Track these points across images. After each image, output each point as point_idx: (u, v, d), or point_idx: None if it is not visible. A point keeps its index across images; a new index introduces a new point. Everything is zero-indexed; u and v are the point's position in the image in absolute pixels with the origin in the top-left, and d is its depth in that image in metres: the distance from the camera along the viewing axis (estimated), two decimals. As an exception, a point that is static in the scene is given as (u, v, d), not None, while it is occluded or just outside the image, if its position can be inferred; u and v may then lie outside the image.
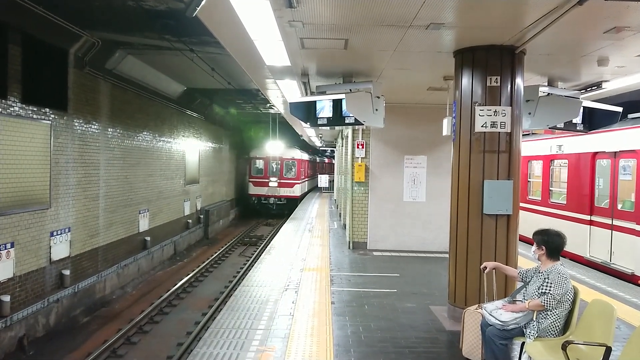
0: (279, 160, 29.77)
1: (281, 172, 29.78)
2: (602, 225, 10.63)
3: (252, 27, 5.57)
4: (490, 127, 6.09)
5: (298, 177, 30.27)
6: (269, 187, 29.39)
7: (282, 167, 29.79)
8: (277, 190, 29.44)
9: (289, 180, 29.77)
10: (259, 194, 29.68)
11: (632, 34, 5.44)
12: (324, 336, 5.96)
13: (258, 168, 30.13)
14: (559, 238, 4.66)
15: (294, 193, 29.71)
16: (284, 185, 29.60)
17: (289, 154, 30.39)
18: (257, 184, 29.67)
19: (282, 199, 29.56)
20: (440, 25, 5.32)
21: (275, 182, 29.48)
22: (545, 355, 4.16)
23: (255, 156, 30.17)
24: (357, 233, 12.22)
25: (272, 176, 29.62)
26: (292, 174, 30.02)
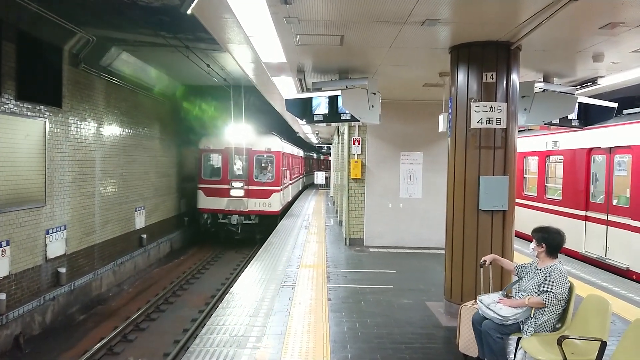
0: (247, 154, 18.92)
1: (250, 174, 18.87)
2: (597, 221, 10.67)
3: (248, 24, 5.55)
4: (486, 123, 6.09)
5: (277, 181, 19.25)
6: (230, 197, 18.50)
7: (252, 165, 18.94)
8: (242, 203, 18.52)
9: (264, 187, 18.86)
10: (214, 209, 18.72)
11: (627, 29, 5.45)
12: (320, 333, 5.97)
13: (212, 167, 19.46)
14: (559, 236, 4.68)
15: (271, 207, 18.87)
16: (256, 195, 18.70)
17: (263, 143, 19.24)
18: (211, 192, 18.71)
19: (253, 217, 18.75)
20: (435, 22, 5.31)
21: (240, 190, 18.65)
22: (541, 351, 4.17)
23: (207, 148, 19.20)
24: (353, 229, 12.23)
25: (235, 180, 18.76)
26: (269, 176, 19.13)
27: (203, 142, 19.29)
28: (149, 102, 16.42)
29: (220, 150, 19.01)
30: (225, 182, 18.78)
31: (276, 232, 14.32)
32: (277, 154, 19.41)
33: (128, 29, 11.01)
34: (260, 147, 19.03)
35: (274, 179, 19.10)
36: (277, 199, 19.03)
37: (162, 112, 17.69)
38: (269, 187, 18.88)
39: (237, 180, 18.73)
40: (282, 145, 20.64)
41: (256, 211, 18.70)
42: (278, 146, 19.64)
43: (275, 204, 19.02)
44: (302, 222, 16.89)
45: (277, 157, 19.38)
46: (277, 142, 19.82)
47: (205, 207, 18.84)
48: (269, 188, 18.87)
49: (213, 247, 18.83)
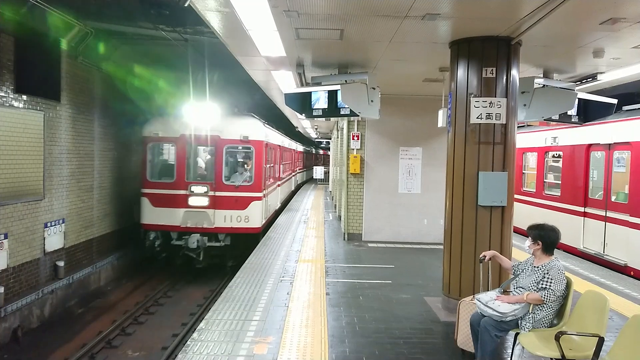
0: (214, 145, 12.93)
1: (218, 173, 12.86)
2: (595, 217, 10.68)
3: (247, 17, 5.52)
4: (486, 119, 6.09)
5: (259, 183, 13.18)
6: (188, 208, 12.64)
7: (221, 161, 12.90)
8: (206, 217, 12.62)
9: (239, 192, 12.82)
10: (165, 226, 12.71)
11: (628, 25, 5.43)
12: (318, 327, 5.98)
13: (162, 164, 13.59)
14: (555, 233, 4.68)
15: (250, 221, 12.87)
16: (227, 204, 12.73)
17: (238, 129, 13.09)
18: (161, 200, 12.72)
19: (222, 237, 12.75)
20: (436, 16, 5.29)
21: (202, 198, 12.68)
22: (539, 346, 4.19)
23: (154, 135, 12.99)
24: (352, 224, 12.23)
25: (195, 183, 12.77)
26: (246, 176, 13.21)
27: (148, 128, 12.78)
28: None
29: (173, 139, 12.64)
30: (181, 185, 12.38)
31: (275, 227, 14.32)
32: (258, 145, 12.95)
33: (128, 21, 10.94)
34: (232, 135, 12.70)
35: (254, 181, 12.81)
36: (257, 209, 12.77)
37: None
38: (246, 192, 12.59)
39: (199, 184, 12.44)
40: (266, 133, 14.25)
41: (227, 228, 12.41)
42: (260, 133, 13.15)
43: (255, 218, 12.71)
44: (301, 216, 16.89)
45: (257, 149, 12.91)
46: (258, 128, 13.26)
47: (152, 222, 12.48)
48: (246, 194, 12.56)
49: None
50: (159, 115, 13.33)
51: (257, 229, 13.01)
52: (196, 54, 12.69)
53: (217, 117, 12.47)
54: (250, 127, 13.17)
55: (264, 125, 14.37)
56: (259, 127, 13.52)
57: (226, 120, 12.87)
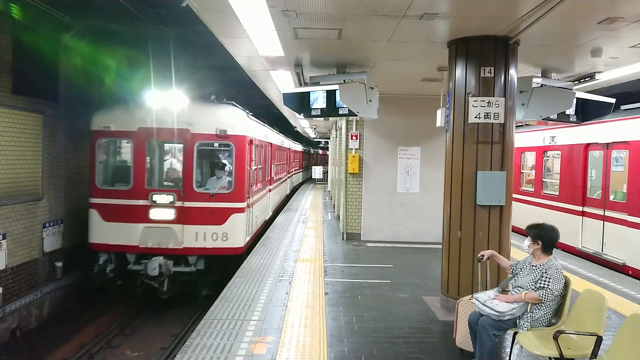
0: (183, 142, 10.05)
1: (187, 178, 9.99)
2: (594, 216, 10.69)
3: (245, 17, 5.52)
4: (484, 118, 6.09)
5: (241, 191, 10.33)
6: (148, 223, 9.74)
7: (191, 162, 9.99)
8: (172, 235, 9.73)
9: (214, 203, 9.97)
10: (119, 246, 9.84)
11: (625, 24, 5.44)
12: (317, 327, 5.98)
13: (116, 166, 10.93)
14: (554, 233, 4.68)
15: (229, 239, 9.99)
16: (199, 218, 9.84)
17: (212, 121, 10.09)
18: (114, 213, 9.86)
19: (193, 260, 9.92)
20: (434, 16, 5.29)
21: (167, 210, 9.81)
22: (537, 345, 4.19)
23: (105, 129, 10.08)
24: (351, 224, 12.24)
25: (158, 190, 10.01)
26: (225, 181, 10.45)
27: (98, 120, 10.02)
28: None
29: (129, 134, 9.87)
30: (139, 194, 9.65)
31: (273, 227, 14.31)
32: (240, 142, 10.12)
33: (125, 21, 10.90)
34: (206, 128, 9.84)
35: (235, 188, 10.05)
36: (239, 224, 10.06)
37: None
38: (224, 202, 9.89)
39: (163, 192, 9.79)
40: (252, 127, 11.41)
41: (199, 249, 9.71)
42: (242, 127, 10.35)
43: (236, 235, 9.98)
44: (300, 216, 16.88)
45: (239, 146, 10.08)
46: (239, 120, 10.46)
47: (103, 240, 9.76)
48: (224, 205, 9.87)
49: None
50: (112, 104, 10.31)
51: (239, 249, 9.92)
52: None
53: (185, 105, 9.67)
54: (229, 118, 10.10)
55: (248, 116, 11.26)
56: (240, 118, 10.48)
57: (198, 109, 9.93)
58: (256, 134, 12.15)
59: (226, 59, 9.20)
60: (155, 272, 9.35)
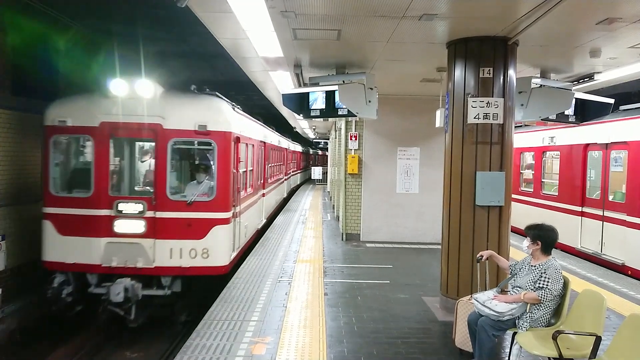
0: (153, 138, 8.22)
1: (159, 183, 8.11)
2: (593, 217, 10.70)
3: (244, 18, 5.53)
4: (483, 119, 6.10)
5: (225, 198, 8.41)
6: (113, 236, 7.96)
7: (163, 162, 8.11)
8: (141, 252, 7.92)
9: (192, 213, 8.08)
10: (77, 265, 7.99)
11: (624, 25, 5.45)
12: (316, 327, 5.98)
13: (74, 169, 8.92)
14: (553, 233, 4.69)
15: (211, 257, 8.11)
16: (174, 232, 8.03)
17: (190, 114, 8.19)
18: (72, 225, 8.05)
19: (166, 281, 8.06)
20: (433, 16, 5.30)
21: (136, 220, 8.00)
22: (536, 345, 4.20)
23: (61, 124, 8.17)
24: (350, 225, 12.24)
25: (124, 198, 8.21)
26: (205, 187, 8.52)
27: (52, 113, 8.32)
28: None
29: (90, 130, 8.17)
30: (102, 202, 8.04)
31: (273, 227, 14.32)
32: (224, 139, 8.37)
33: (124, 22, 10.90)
34: (182, 123, 8.16)
35: (217, 194, 8.31)
36: (222, 238, 8.38)
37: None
38: (204, 212, 8.21)
39: (131, 199, 8.18)
40: (239, 122, 9.51)
41: (173, 269, 8.06)
42: (226, 121, 8.49)
43: (219, 251, 8.30)
44: (299, 217, 16.89)
45: (222, 144, 8.35)
46: (223, 114, 8.56)
47: (58, 258, 8.16)
48: (204, 215, 8.19)
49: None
50: (69, 95, 8.60)
51: (222, 268, 8.24)
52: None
53: (157, 95, 8.04)
54: (210, 111, 8.33)
55: (234, 109, 9.29)
56: (224, 112, 8.54)
57: (172, 101, 8.21)
58: (245, 131, 10.21)
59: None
60: (120, 298, 7.58)
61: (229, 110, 8.89)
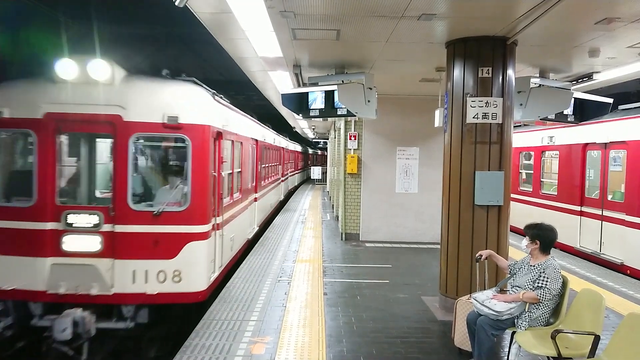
0: (111, 133, 6.52)
1: (120, 187, 6.42)
2: (592, 216, 10.71)
3: (244, 18, 5.53)
4: (482, 118, 6.10)
5: (201, 206, 6.73)
6: (60, 256, 6.28)
7: (124, 163, 6.42)
8: (96, 275, 6.26)
9: (159, 226, 6.45)
10: (18, 291, 6.24)
11: (622, 25, 5.46)
12: (316, 327, 5.99)
13: (12, 170, 7.16)
14: (552, 232, 4.70)
15: (182, 281, 6.43)
16: (135, 248, 6.37)
17: (158, 103, 6.52)
18: (8, 241, 6.36)
19: (128, 311, 6.38)
20: (432, 16, 5.31)
21: (90, 236, 6.32)
22: (535, 345, 4.21)
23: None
24: (349, 224, 12.25)
25: (75, 207, 6.55)
26: (177, 194, 6.75)
27: None
28: None
29: (30, 123, 6.52)
30: (47, 213, 6.40)
31: (272, 227, 14.32)
32: (200, 134, 6.76)
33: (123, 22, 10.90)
34: (148, 115, 6.53)
35: (192, 203, 6.67)
36: (199, 257, 6.77)
37: None
38: (175, 225, 6.59)
39: (83, 209, 6.58)
40: (220, 114, 7.79)
41: (138, 296, 6.41)
42: (204, 113, 6.95)
43: (195, 273, 6.70)
44: (299, 217, 16.89)
45: (199, 141, 6.73)
46: (200, 104, 6.99)
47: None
48: (175, 229, 6.58)
49: None
50: (6, 81, 6.96)
51: (198, 294, 6.62)
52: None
53: (117, 80, 6.45)
54: (183, 100, 6.70)
55: (216, 99, 7.52)
56: (201, 101, 6.97)
57: (136, 87, 6.61)
58: (231, 126, 8.43)
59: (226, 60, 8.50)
60: (67, 335, 5.92)
61: (208, 100, 7.19)
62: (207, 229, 6.83)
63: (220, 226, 7.63)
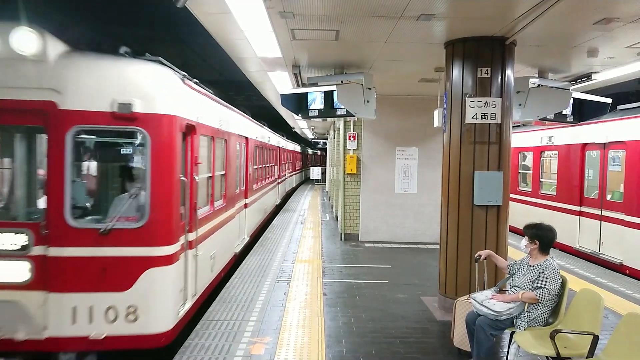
0: (44, 126, 4.88)
1: (55, 197, 4.84)
2: (591, 216, 10.72)
3: (243, 18, 5.53)
4: (481, 119, 6.11)
5: (166, 221, 5.17)
6: None
7: (60, 164, 4.83)
8: (23, 314, 4.72)
9: (108, 249, 4.92)
10: None
11: (621, 25, 5.46)
12: (315, 327, 5.99)
13: None
14: (552, 232, 4.71)
15: (138, 321, 4.93)
16: (75, 277, 4.83)
17: (106, 86, 4.92)
18: None
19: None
20: (431, 16, 5.31)
21: (14, 263, 4.74)
22: (534, 345, 4.21)
23: None
24: (349, 225, 12.25)
25: None
26: (134, 204, 5.15)
27: None
28: None
29: None
30: None
31: (272, 228, 14.31)
32: (164, 127, 5.17)
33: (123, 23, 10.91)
34: (92, 101, 4.91)
35: (152, 218, 5.06)
36: (164, 288, 5.21)
37: None
38: (129, 247, 5.01)
39: (6, 226, 4.91)
40: (194, 104, 6.23)
41: (79, 340, 4.82)
42: (168, 100, 5.27)
43: (157, 308, 5.13)
44: (298, 217, 16.89)
45: (160, 136, 5.13)
46: (162, 87, 5.27)
47: None
48: (129, 252, 5.01)
49: None
50: None
51: (160, 337, 5.17)
52: None
53: (51, 57, 4.89)
54: (140, 83, 5.15)
55: (184, 82, 5.94)
56: (165, 83, 5.42)
57: (77, 66, 5.02)
58: (208, 118, 6.86)
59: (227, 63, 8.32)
60: None
61: (175, 83, 5.54)
62: (172, 250, 5.26)
63: (194, 244, 6.09)
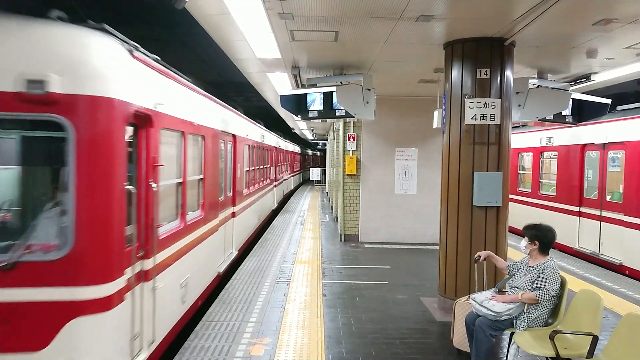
0: None
1: None
2: (591, 217, 10.72)
3: (242, 19, 5.54)
4: (480, 119, 6.11)
5: (95, 249, 3.59)
6: None
7: None
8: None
9: (15, 291, 3.42)
10: None
11: (620, 25, 5.47)
12: (315, 328, 5.99)
13: None
14: (551, 233, 4.71)
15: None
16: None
17: (13, 60, 3.39)
18: None
19: None
20: (430, 17, 5.32)
21: None
22: (534, 345, 4.21)
23: None
24: (348, 225, 12.25)
25: None
26: (51, 224, 3.56)
27: None
28: None
29: None
30: None
31: (271, 229, 14.30)
32: (98, 115, 3.63)
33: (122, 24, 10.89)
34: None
35: (77, 244, 3.52)
36: (98, 346, 3.67)
37: None
38: (47, 287, 3.49)
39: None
40: (150, 85, 4.58)
41: None
42: (108, 80, 3.73)
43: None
44: (298, 218, 16.89)
45: (93, 128, 3.60)
46: (97, 61, 3.67)
47: None
48: (46, 295, 3.49)
49: None
50: None
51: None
52: None
53: None
54: (60, 52, 3.56)
55: (133, 55, 4.24)
56: (100, 54, 3.77)
57: None
58: (174, 107, 5.34)
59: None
60: None
61: (118, 55, 4.04)
62: (111, 289, 3.79)
63: (151, 274, 4.61)
